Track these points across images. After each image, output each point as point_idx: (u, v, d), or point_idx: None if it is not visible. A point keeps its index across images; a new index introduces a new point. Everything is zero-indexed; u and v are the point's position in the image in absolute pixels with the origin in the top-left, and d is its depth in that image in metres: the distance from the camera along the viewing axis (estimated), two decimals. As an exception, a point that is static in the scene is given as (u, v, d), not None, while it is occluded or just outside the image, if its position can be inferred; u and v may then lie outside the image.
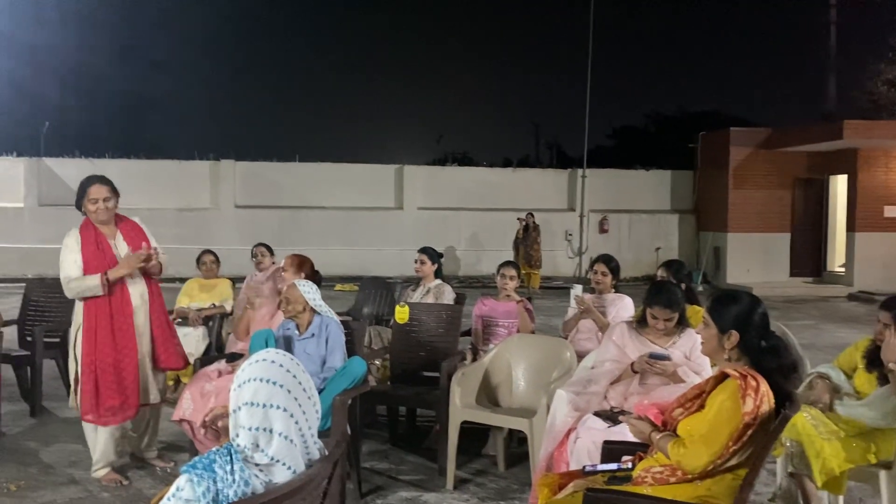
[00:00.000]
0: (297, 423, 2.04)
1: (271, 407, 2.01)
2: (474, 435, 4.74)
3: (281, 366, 2.06)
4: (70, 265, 4.22)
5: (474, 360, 5.13)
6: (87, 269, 4.21)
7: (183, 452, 4.72)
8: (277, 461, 2.01)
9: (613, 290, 5.18)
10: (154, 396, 4.43)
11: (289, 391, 2.03)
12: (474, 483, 4.45)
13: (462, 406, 4.35)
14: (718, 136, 17.38)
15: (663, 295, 3.80)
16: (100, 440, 4.30)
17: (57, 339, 5.79)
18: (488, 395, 4.68)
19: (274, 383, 2.02)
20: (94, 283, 4.17)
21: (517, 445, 4.92)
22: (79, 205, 4.32)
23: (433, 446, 4.84)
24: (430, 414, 5.39)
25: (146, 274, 4.38)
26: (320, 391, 3.94)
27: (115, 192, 4.38)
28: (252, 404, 2.00)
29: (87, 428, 4.31)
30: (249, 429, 2.00)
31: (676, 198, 18.60)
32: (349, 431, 3.98)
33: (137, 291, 4.32)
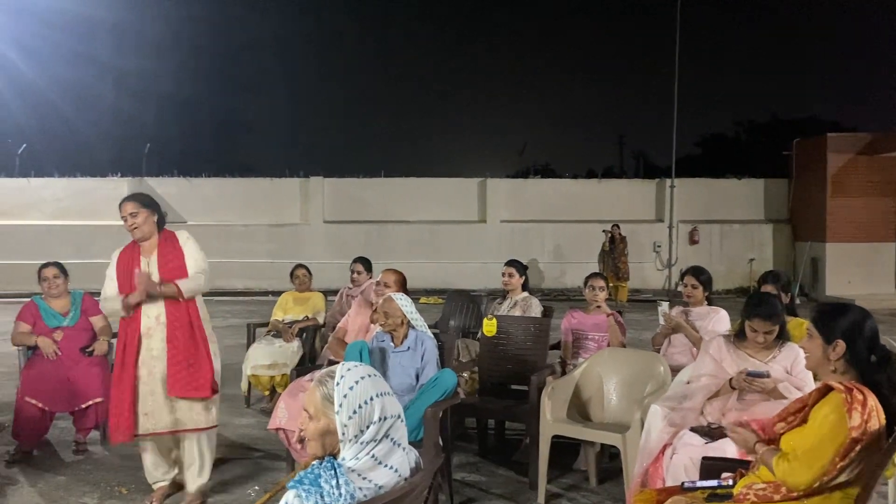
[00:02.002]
0: (404, 422, 2.11)
1: (387, 419, 2.09)
2: (564, 449, 4.69)
3: (379, 376, 2.14)
4: (107, 283, 4.18)
5: (563, 373, 5.09)
6: (121, 289, 4.10)
7: (279, 461, 4.87)
8: (380, 462, 2.06)
9: (706, 303, 5.05)
10: (165, 424, 4.08)
11: (391, 394, 2.11)
12: (566, 498, 4.40)
13: (553, 420, 4.31)
14: (815, 142, 16.69)
15: (763, 307, 3.67)
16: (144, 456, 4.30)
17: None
18: (579, 409, 4.63)
19: (387, 394, 2.11)
20: (116, 306, 4.07)
21: (608, 460, 4.84)
22: None
23: (523, 460, 4.82)
24: (518, 427, 5.38)
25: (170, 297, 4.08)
26: (412, 402, 4.00)
27: (145, 207, 4.16)
28: (382, 418, 2.08)
29: None
30: (362, 440, 2.07)
31: (770, 207, 17.95)
32: (440, 443, 4.01)
33: (153, 314, 4.09)
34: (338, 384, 2.08)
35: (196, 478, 4.22)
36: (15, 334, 5.24)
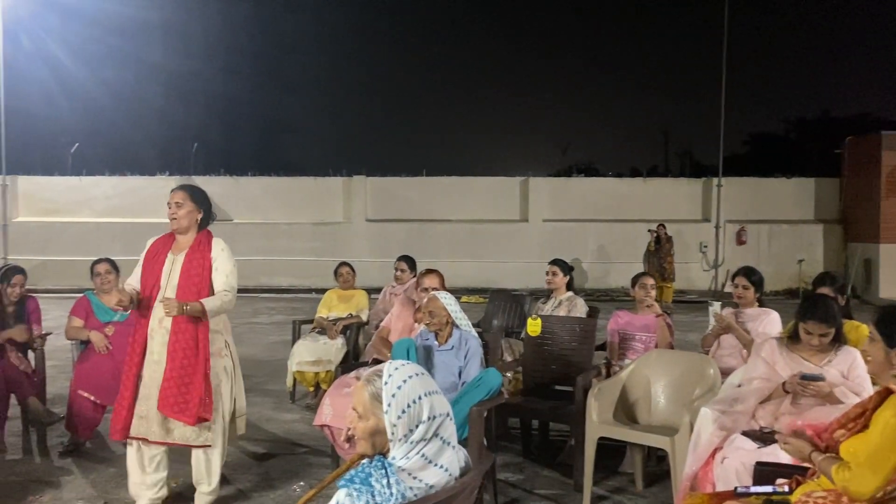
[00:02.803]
0: (452, 420, 2.10)
1: (436, 417, 2.07)
2: (610, 451, 4.63)
3: (427, 374, 2.12)
4: (135, 269, 4.11)
5: (608, 375, 5.02)
6: (143, 277, 4.01)
7: (324, 457, 4.90)
8: (431, 461, 2.05)
9: (757, 305, 4.93)
10: (156, 433, 3.91)
11: (438, 392, 2.09)
12: (612, 501, 4.34)
13: (599, 422, 4.25)
14: (868, 140, 16.24)
15: (819, 309, 3.56)
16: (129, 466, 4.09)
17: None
18: (625, 411, 4.55)
19: (435, 392, 2.09)
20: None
21: (655, 463, 4.77)
22: None
23: (567, 461, 4.77)
24: (562, 428, 5.33)
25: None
26: (456, 401, 3.99)
27: (193, 201, 4.03)
28: (431, 417, 2.07)
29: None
30: (412, 439, 2.06)
31: (821, 207, 17.52)
32: (485, 442, 3.99)
33: (157, 316, 3.91)
34: (386, 383, 2.07)
35: (202, 494, 4.09)
36: (68, 328, 5.37)
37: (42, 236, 17.57)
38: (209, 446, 4.00)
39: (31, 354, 5.35)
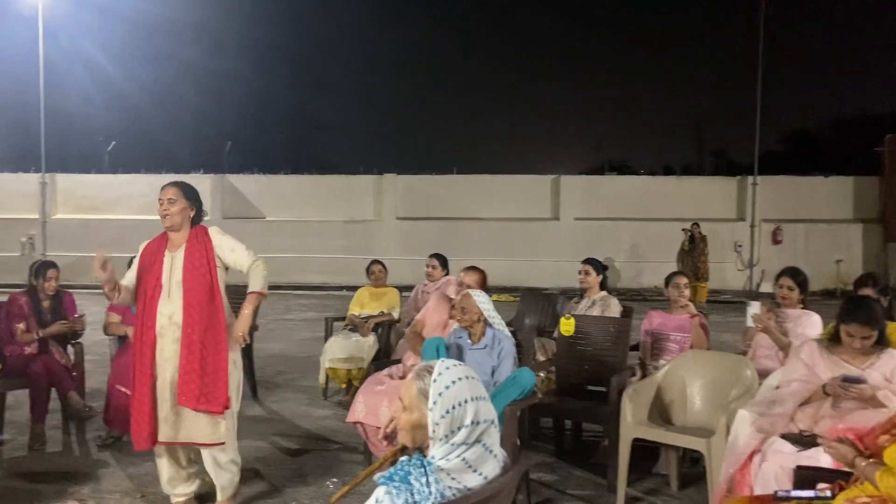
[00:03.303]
0: (495, 427, 2.08)
1: (479, 423, 2.07)
2: (644, 452, 4.58)
3: (477, 379, 2.12)
4: (127, 273, 4.03)
5: (643, 376, 4.97)
6: (141, 281, 3.92)
7: (357, 454, 4.92)
8: (470, 467, 2.04)
9: (800, 306, 4.82)
10: (173, 434, 3.80)
11: (486, 399, 2.07)
12: (646, 502, 4.30)
13: (634, 423, 4.21)
14: (910, 137, 15.87)
15: (862, 310, 3.48)
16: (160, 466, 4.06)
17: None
18: (660, 412, 4.50)
19: (482, 398, 2.08)
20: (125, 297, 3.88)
21: (689, 465, 4.71)
22: None
23: (602, 462, 4.73)
24: (595, 428, 5.29)
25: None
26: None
27: (186, 198, 3.94)
28: (475, 423, 2.06)
29: None
30: (453, 441, 2.05)
31: (860, 206, 17.17)
32: (518, 442, 3.97)
33: (166, 312, 3.80)
34: (435, 381, 2.08)
35: (220, 494, 4.03)
36: (106, 324, 5.47)
37: (80, 233, 17.91)
38: (223, 443, 3.87)
39: (69, 349, 5.45)
